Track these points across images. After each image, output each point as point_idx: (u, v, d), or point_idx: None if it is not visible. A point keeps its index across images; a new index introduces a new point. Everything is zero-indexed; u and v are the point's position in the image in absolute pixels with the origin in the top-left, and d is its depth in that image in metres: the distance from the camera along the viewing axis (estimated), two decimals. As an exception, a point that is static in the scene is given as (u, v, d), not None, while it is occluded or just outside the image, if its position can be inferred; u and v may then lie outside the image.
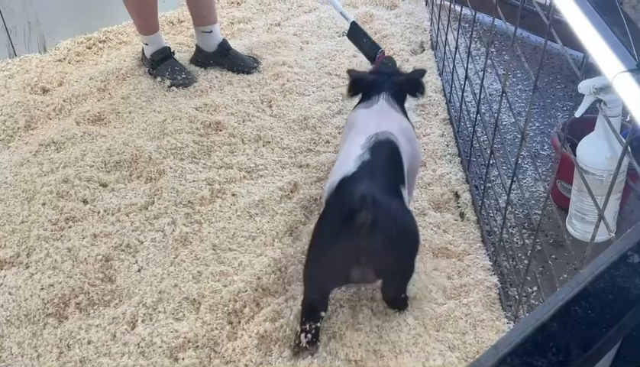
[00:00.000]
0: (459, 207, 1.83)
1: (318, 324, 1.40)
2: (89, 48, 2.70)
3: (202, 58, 2.54)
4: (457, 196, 1.86)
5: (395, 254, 1.35)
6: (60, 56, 2.63)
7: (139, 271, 1.61)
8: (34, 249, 1.68)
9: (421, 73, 1.73)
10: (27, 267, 1.63)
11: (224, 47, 2.52)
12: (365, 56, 2.40)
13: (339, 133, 2.13)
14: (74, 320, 1.49)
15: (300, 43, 2.75)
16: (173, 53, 2.49)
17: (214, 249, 1.67)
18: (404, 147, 1.50)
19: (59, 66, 2.57)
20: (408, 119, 1.70)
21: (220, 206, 1.82)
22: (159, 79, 2.41)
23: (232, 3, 3.10)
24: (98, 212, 1.79)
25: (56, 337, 1.45)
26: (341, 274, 1.34)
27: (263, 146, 2.09)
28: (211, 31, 2.50)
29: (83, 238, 1.70)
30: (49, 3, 2.59)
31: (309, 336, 1.38)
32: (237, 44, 2.68)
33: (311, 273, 1.40)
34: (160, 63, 2.44)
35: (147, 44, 2.44)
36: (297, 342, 1.38)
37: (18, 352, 1.43)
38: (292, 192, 1.88)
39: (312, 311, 1.40)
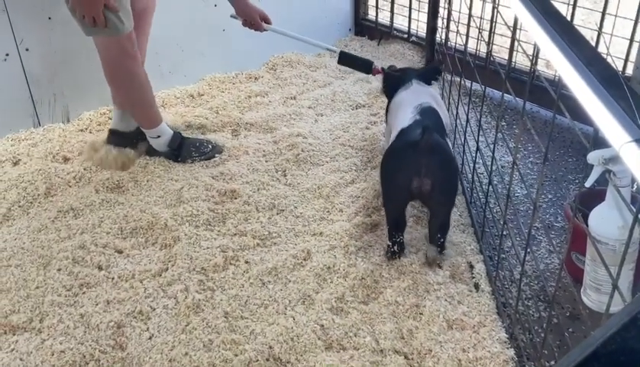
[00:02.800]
0: (473, 278, 1.82)
1: (402, 236, 1.86)
2: (111, 119, 2.79)
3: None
4: (471, 266, 1.86)
5: (444, 173, 1.78)
6: (82, 126, 2.71)
7: (150, 338, 1.61)
8: (47, 315, 1.68)
9: (438, 63, 2.41)
10: (39, 333, 1.63)
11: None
12: (361, 72, 2.60)
13: (352, 202, 2.15)
14: (83, 388, 1.47)
15: (315, 116, 2.82)
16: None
17: (226, 317, 1.66)
18: (439, 110, 2.03)
19: (80, 135, 2.65)
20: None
21: (233, 274, 1.83)
22: (189, 161, 2.41)
23: (250, 78, 3.22)
24: (113, 279, 1.80)
25: (64, 405, 1.44)
26: (407, 186, 1.77)
27: (277, 214, 2.11)
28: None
29: (96, 304, 1.71)
30: (75, 76, 2.70)
31: (397, 246, 1.86)
32: (254, 116, 2.76)
33: (387, 196, 1.90)
34: (180, 148, 2.42)
35: (159, 136, 2.39)
36: (390, 251, 1.87)
37: (25, 420, 1.41)
38: (305, 260, 1.89)
39: (396, 226, 1.86)
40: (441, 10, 3.18)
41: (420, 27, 3.48)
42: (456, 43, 3.00)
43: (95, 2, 1.99)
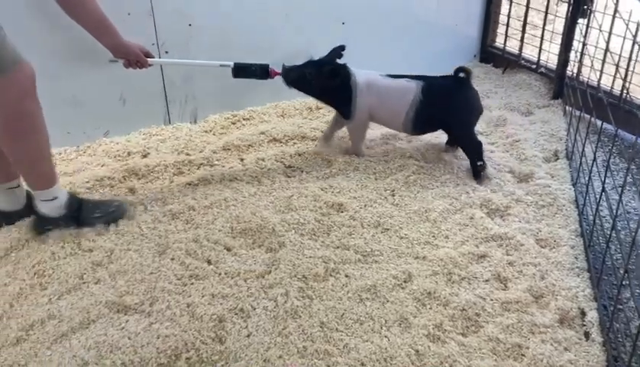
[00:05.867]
0: (584, 326, 1.70)
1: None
2: (233, 124, 2.94)
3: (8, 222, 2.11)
4: (583, 313, 1.74)
5: None
6: (207, 128, 2.89)
7: (248, 336, 1.66)
8: (157, 300, 1.78)
9: (340, 48, 2.53)
10: (148, 316, 1.73)
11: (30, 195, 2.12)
12: (259, 78, 2.46)
13: (460, 230, 2.10)
14: (182, 374, 1.55)
15: (428, 138, 2.79)
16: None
17: (321, 327, 1.68)
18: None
19: (204, 136, 2.82)
20: None
21: (332, 285, 1.84)
22: (89, 228, 2.06)
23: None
24: (220, 274, 1.88)
25: (163, 387, 1.51)
26: (480, 112, 2.58)
27: (382, 233, 2.11)
28: (19, 185, 2.11)
29: (203, 296, 1.79)
30: (206, 81, 2.88)
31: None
32: (368, 134, 2.78)
33: (472, 124, 2.56)
34: (79, 210, 2.07)
35: (55, 198, 2.02)
36: (483, 166, 2.45)
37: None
38: (405, 282, 1.86)
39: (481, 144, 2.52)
40: (575, 43, 3.03)
41: (550, 59, 3.34)
42: (588, 79, 2.86)
43: None
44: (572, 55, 3.07)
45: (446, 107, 2.47)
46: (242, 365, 1.55)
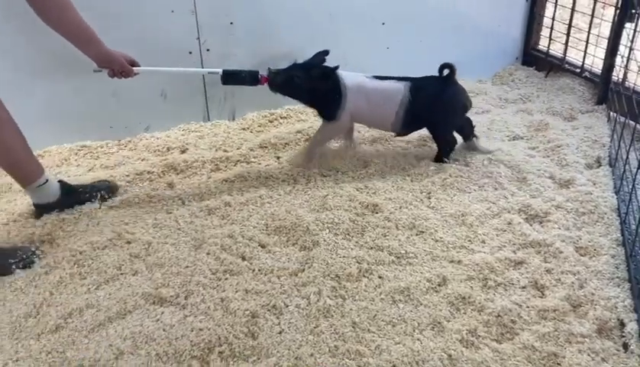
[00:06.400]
0: (623, 337, 1.65)
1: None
2: (271, 122, 2.97)
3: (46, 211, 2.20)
4: (622, 324, 1.69)
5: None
6: (245, 126, 2.92)
7: (280, 333, 1.66)
8: (192, 293, 1.81)
9: (324, 52, 2.46)
10: (183, 309, 1.76)
11: (65, 186, 2.24)
12: (249, 85, 2.40)
13: (497, 235, 2.07)
14: (214, 368, 1.56)
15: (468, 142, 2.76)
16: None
17: (353, 327, 1.68)
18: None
19: (241, 133, 2.85)
20: None
21: (365, 286, 1.84)
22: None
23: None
24: (253, 270, 1.90)
25: (196, 380, 1.53)
26: (465, 111, 2.58)
27: (417, 235, 2.09)
28: (47, 181, 2.17)
29: (236, 291, 1.81)
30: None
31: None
32: (410, 137, 2.76)
33: (453, 125, 2.59)
34: None
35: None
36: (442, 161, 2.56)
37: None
38: (439, 285, 1.84)
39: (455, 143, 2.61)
40: (621, 47, 2.95)
41: (595, 63, 3.26)
42: (634, 84, 2.78)
43: None
44: (618, 60, 2.99)
45: (431, 105, 2.47)
46: (274, 361, 1.56)
